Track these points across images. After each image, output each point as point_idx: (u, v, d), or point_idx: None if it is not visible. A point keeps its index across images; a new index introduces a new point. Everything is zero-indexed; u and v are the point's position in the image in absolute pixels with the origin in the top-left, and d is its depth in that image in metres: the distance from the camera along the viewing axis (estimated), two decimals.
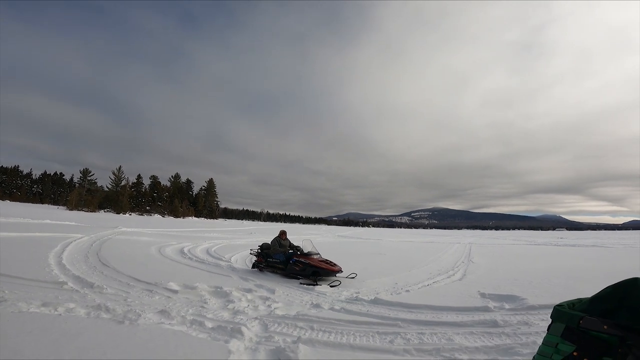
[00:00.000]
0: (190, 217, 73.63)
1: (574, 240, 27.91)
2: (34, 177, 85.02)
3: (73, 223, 20.84)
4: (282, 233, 9.07)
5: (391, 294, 5.97)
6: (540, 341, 3.22)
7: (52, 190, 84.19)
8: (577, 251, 16.57)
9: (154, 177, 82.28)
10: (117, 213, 60.92)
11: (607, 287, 1.02)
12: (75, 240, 11.87)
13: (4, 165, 79.65)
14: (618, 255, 14.01)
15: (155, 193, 78.58)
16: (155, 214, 69.57)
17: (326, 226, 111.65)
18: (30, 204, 63.20)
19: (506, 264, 11.09)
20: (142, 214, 67.16)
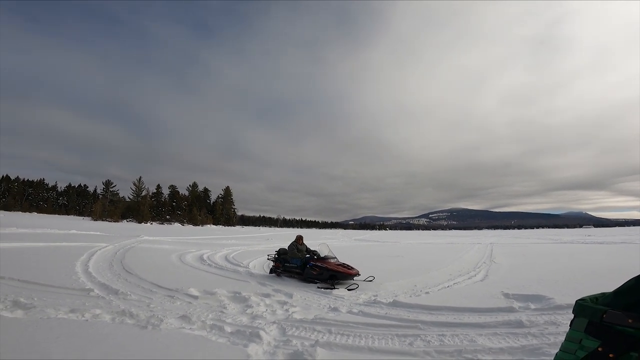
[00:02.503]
0: (208, 225, 74.89)
1: (602, 238, 26.68)
2: (59, 190, 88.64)
3: (98, 233, 21.59)
4: (299, 238, 9.09)
5: (410, 296, 5.88)
6: None
7: (77, 201, 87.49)
8: (606, 249, 15.83)
9: (172, 187, 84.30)
10: (138, 222, 62.68)
11: (631, 279, 0.98)
12: (100, 249, 12.27)
13: (30, 179, 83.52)
14: None
15: (174, 202, 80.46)
16: (175, 223, 71.18)
17: (343, 230, 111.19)
18: (57, 216, 65.95)
19: (530, 263, 10.73)
20: (162, 223, 68.85)
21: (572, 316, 3.27)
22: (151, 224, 63.04)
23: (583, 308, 1.01)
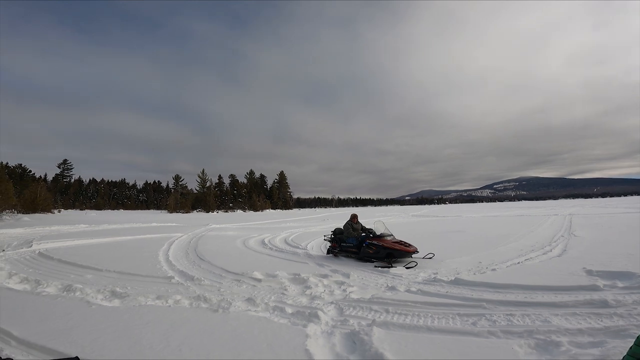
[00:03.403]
0: (267, 210, 78.78)
1: None
2: (138, 188, 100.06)
3: (174, 224, 24.02)
4: (354, 217, 9.09)
5: (474, 274, 5.60)
6: None
7: (154, 197, 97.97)
8: None
9: (232, 176, 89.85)
10: (206, 212, 68.23)
11: None
12: (177, 239, 13.65)
13: (114, 180, 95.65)
14: None
15: (235, 190, 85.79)
16: (237, 210, 76.14)
17: (399, 207, 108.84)
18: (139, 211, 74.77)
19: (618, 236, 9.49)
20: (226, 211, 74.10)
21: None
22: (217, 212, 68.17)
23: None
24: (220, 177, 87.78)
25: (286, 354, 2.69)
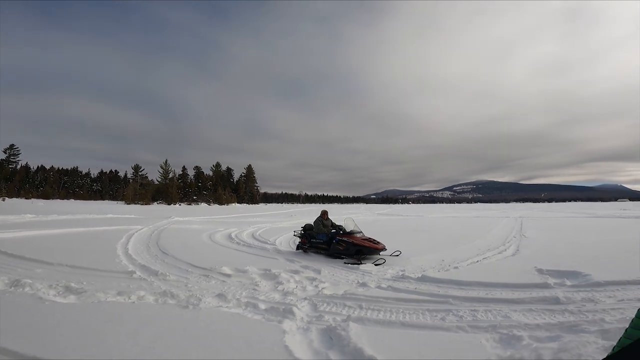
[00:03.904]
0: (233, 204, 77.07)
1: (639, 212, 25.20)
2: (92, 176, 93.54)
3: (132, 216, 22.74)
4: (324, 213, 9.15)
5: (438, 271, 5.86)
6: (609, 318, 2.97)
7: (109, 187, 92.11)
8: None
9: (197, 168, 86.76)
10: (168, 204, 65.35)
11: None
12: (137, 232, 12.94)
13: (65, 167, 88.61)
14: None
15: (199, 183, 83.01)
16: (202, 203, 73.67)
17: (365, 205, 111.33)
18: (92, 201, 69.93)
19: (564, 238, 10.36)
20: (190, 204, 71.45)
21: (611, 293, 3.18)
22: (179, 205, 65.57)
23: None
24: (184, 168, 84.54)
25: (266, 351, 2.65)
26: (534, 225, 15.32)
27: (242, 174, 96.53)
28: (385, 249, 7.59)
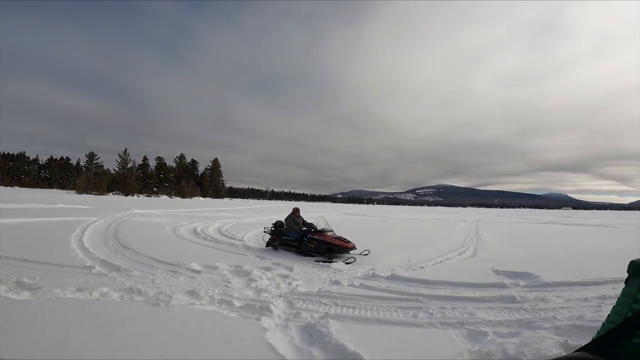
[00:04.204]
0: (196, 197, 74.53)
1: (580, 220, 27.79)
2: (41, 163, 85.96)
3: (85, 206, 21.24)
4: (296, 210, 9.17)
5: (406, 270, 6.10)
6: (560, 316, 3.31)
7: (59, 175, 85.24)
8: (584, 230, 16.53)
9: (159, 159, 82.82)
10: (125, 195, 61.83)
11: None
12: (92, 224, 12.14)
13: (10, 152, 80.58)
14: (624, 235, 13.94)
15: (161, 174, 79.32)
16: (163, 195, 70.50)
17: (331, 204, 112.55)
18: (39, 189, 64.28)
19: (515, 242, 11.17)
20: (149, 196, 68.08)
21: (560, 293, 3.55)
22: (138, 196, 62.29)
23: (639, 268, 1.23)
24: (145, 158, 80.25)
25: (248, 348, 2.63)
26: (488, 229, 16.36)
27: (208, 167, 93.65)
28: (355, 248, 7.76)
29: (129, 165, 73.52)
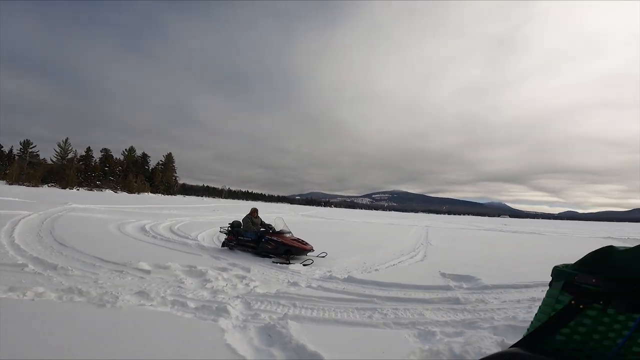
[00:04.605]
0: (145, 193, 70.15)
1: (515, 228, 30.61)
2: None
3: (17, 199, 19.04)
4: (254, 211, 9.04)
5: (362, 273, 6.28)
6: (497, 317, 3.66)
7: None
8: (519, 237, 18.28)
9: (105, 150, 76.68)
10: (63, 188, 56.34)
11: (589, 253, 1.35)
12: (23, 218, 10.93)
13: None
14: (553, 243, 15.68)
15: (106, 167, 73.47)
16: (107, 190, 65.30)
17: (289, 205, 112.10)
18: None
19: (460, 247, 11.98)
20: (91, 190, 62.72)
21: (497, 295, 3.95)
22: (78, 190, 57.08)
23: (561, 272, 1.37)
24: (89, 149, 73.77)
25: (207, 350, 2.54)
26: (437, 234, 17.38)
27: (160, 162, 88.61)
28: (313, 250, 7.83)
29: (69, 156, 67.15)
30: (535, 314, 1.41)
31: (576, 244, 15.67)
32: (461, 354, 2.72)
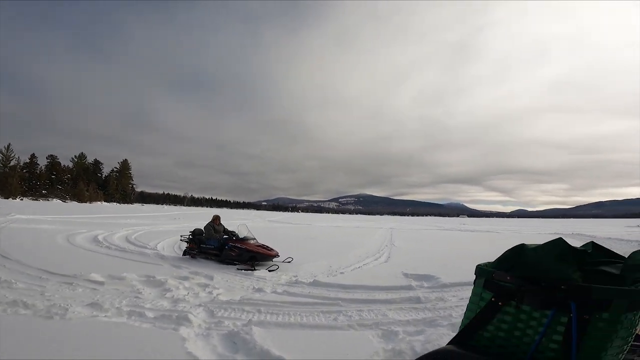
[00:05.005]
0: (98, 202, 65.58)
1: (473, 227, 32.49)
2: None
3: None
4: (216, 218, 8.82)
5: (327, 276, 6.35)
6: (454, 314, 3.89)
7: None
8: (475, 236, 19.43)
9: (52, 157, 70.76)
10: (5, 198, 51.20)
11: (506, 251, 1.40)
12: None
13: None
14: (506, 240, 16.84)
15: (53, 175, 67.84)
16: (55, 199, 60.22)
17: (255, 211, 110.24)
18: None
19: (421, 247, 12.48)
20: (36, 199, 57.58)
21: (455, 293, 4.22)
22: (22, 199, 52.16)
23: (482, 270, 1.39)
24: (33, 156, 67.68)
25: (165, 357, 2.43)
26: (400, 236, 17.95)
27: (115, 169, 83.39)
28: (278, 256, 7.77)
29: (11, 164, 61.28)
30: (465, 312, 1.40)
31: (526, 240, 16.90)
32: (422, 352, 2.85)
